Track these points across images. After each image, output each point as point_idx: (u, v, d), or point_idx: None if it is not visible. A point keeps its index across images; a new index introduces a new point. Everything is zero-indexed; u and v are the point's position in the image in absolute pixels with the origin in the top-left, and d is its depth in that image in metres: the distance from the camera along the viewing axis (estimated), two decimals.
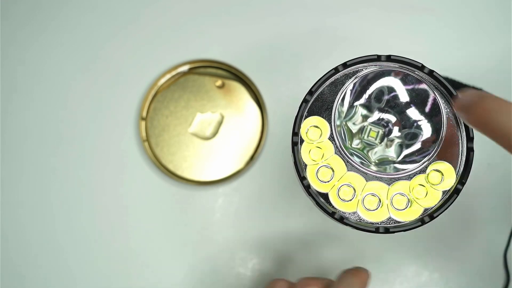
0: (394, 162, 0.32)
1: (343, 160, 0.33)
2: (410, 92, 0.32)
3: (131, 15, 0.50)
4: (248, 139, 0.47)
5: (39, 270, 0.47)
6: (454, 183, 0.32)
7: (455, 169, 0.32)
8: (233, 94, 0.48)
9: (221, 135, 0.47)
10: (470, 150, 0.32)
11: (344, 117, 0.33)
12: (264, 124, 0.47)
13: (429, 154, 0.32)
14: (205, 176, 0.47)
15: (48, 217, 0.48)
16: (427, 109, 0.32)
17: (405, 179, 0.32)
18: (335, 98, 0.33)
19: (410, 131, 0.32)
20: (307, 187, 0.32)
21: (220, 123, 0.47)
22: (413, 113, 0.32)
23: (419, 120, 0.32)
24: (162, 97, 0.48)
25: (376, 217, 0.32)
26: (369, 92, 0.33)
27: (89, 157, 0.48)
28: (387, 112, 0.33)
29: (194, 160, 0.47)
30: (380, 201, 0.32)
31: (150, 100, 0.48)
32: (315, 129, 0.33)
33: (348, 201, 0.32)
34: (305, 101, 0.33)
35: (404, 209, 0.32)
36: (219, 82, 0.48)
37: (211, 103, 0.48)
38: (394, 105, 0.32)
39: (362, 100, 0.33)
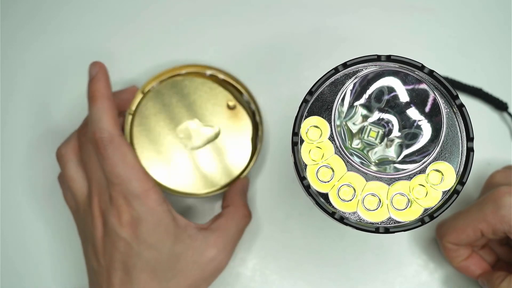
0: (394, 162, 0.32)
1: (343, 160, 0.33)
2: (410, 92, 0.32)
3: (131, 15, 0.50)
4: (239, 157, 0.45)
5: (38, 270, 0.47)
6: (454, 183, 0.32)
7: (455, 169, 0.32)
8: (238, 117, 0.46)
9: (215, 146, 0.45)
10: (470, 150, 0.32)
11: (344, 117, 0.33)
12: (257, 145, 0.46)
13: (429, 154, 0.32)
14: (193, 187, 0.45)
15: (48, 217, 0.48)
16: (427, 109, 0.32)
17: (405, 179, 0.32)
18: (335, 98, 0.33)
19: (410, 131, 0.32)
20: (307, 187, 0.32)
21: (216, 136, 0.45)
22: (413, 113, 0.32)
23: (419, 120, 0.32)
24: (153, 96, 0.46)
25: (376, 217, 0.32)
26: (369, 92, 0.33)
27: None
28: (387, 112, 0.33)
29: (180, 171, 0.45)
30: (380, 201, 0.32)
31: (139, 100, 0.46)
32: (315, 129, 0.33)
33: (348, 201, 0.32)
34: (305, 101, 0.33)
35: (404, 209, 0.32)
36: (232, 103, 0.45)
37: (212, 117, 0.45)
38: (394, 105, 0.33)
39: (362, 100, 0.33)
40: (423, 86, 0.32)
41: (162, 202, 0.38)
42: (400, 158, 0.32)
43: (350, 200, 0.32)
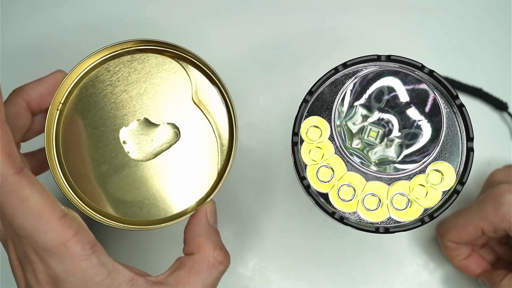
0: (394, 162, 0.32)
1: (343, 160, 0.33)
2: (410, 92, 0.32)
3: (131, 14, 0.50)
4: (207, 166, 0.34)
5: None
6: (454, 183, 0.32)
7: (455, 169, 0.32)
8: (207, 113, 0.35)
9: (173, 155, 0.34)
10: (470, 150, 0.32)
11: (344, 117, 0.33)
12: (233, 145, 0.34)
13: (429, 154, 0.32)
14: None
15: None
16: (427, 109, 0.32)
17: (405, 179, 0.32)
18: (335, 98, 0.33)
19: (410, 131, 0.32)
20: (307, 187, 0.32)
21: (174, 141, 0.34)
22: (413, 113, 0.32)
23: (419, 120, 0.32)
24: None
25: (376, 217, 0.32)
26: (369, 92, 0.33)
27: None
28: (387, 112, 0.33)
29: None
30: (380, 201, 0.32)
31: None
32: (315, 129, 0.33)
33: (348, 201, 0.32)
34: (305, 101, 0.33)
35: (404, 209, 0.32)
36: (199, 94, 0.34)
37: (171, 114, 0.34)
38: (394, 105, 0.33)
39: (362, 100, 0.33)
40: (423, 86, 0.32)
41: (88, 255, 0.28)
42: (400, 158, 0.32)
43: (350, 200, 0.32)
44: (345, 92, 0.33)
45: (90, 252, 0.28)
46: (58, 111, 0.34)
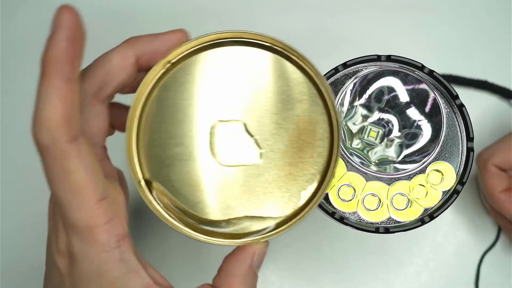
0: (394, 162, 0.32)
1: (343, 160, 0.33)
2: (410, 92, 0.32)
3: (132, 15, 0.50)
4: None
5: (38, 271, 0.47)
6: (454, 183, 0.32)
7: (455, 169, 0.32)
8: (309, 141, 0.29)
9: (253, 172, 0.29)
10: (470, 150, 0.32)
11: (344, 117, 0.33)
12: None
13: (429, 154, 0.32)
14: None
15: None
16: (427, 109, 0.32)
17: (405, 179, 0.32)
18: (335, 98, 0.33)
19: (410, 131, 0.32)
20: None
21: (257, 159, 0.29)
22: (413, 113, 0.32)
23: (419, 120, 0.32)
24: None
25: (376, 217, 0.32)
26: (369, 92, 0.33)
27: None
28: (387, 112, 0.33)
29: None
30: (380, 201, 0.32)
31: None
32: None
33: (348, 201, 0.32)
34: None
35: (404, 209, 0.32)
36: (321, 119, 0.29)
37: (268, 131, 0.29)
38: (394, 105, 0.33)
39: (362, 100, 0.33)
40: (423, 86, 0.32)
41: (112, 248, 0.26)
42: (400, 158, 0.32)
43: (350, 200, 0.32)
44: (345, 92, 0.33)
45: (115, 245, 0.26)
46: (164, 70, 0.29)
